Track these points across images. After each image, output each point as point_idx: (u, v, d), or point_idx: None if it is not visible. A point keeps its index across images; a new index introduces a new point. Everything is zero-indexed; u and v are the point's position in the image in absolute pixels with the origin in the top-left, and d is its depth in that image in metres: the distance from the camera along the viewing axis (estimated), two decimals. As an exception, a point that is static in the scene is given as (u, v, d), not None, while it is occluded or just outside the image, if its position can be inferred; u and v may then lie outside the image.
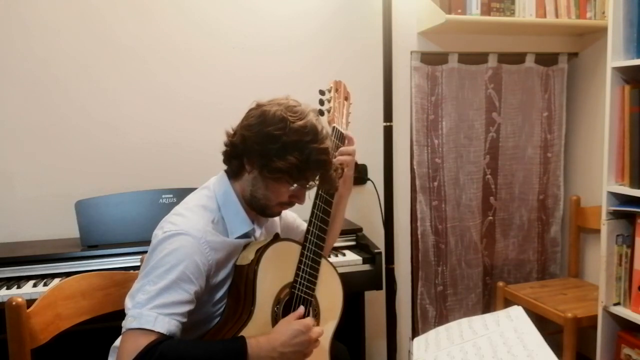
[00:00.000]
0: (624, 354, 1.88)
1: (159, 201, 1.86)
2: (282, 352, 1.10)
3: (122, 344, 1.03)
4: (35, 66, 1.92)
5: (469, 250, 2.43)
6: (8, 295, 1.55)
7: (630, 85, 1.78)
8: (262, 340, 1.10)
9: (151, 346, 1.00)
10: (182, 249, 1.10)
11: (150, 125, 2.05)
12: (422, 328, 2.39)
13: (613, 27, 1.78)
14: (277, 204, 1.24)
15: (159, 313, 1.04)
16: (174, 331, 1.06)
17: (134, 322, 1.03)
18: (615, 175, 1.84)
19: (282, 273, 1.24)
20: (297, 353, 1.12)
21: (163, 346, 1.01)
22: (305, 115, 1.18)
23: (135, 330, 1.02)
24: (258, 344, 1.08)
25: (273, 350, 1.09)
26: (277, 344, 1.10)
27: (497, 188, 2.47)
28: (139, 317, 1.03)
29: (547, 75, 2.44)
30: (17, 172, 1.94)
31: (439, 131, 2.34)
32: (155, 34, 2.02)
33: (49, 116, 1.95)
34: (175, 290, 1.07)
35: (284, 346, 1.10)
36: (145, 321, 1.02)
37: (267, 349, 1.09)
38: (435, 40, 2.30)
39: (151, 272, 1.08)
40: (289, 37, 2.15)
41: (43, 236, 1.96)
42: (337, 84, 1.52)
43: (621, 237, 1.86)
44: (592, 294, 2.15)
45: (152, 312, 1.03)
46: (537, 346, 1.13)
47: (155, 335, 1.02)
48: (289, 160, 1.14)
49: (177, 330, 1.07)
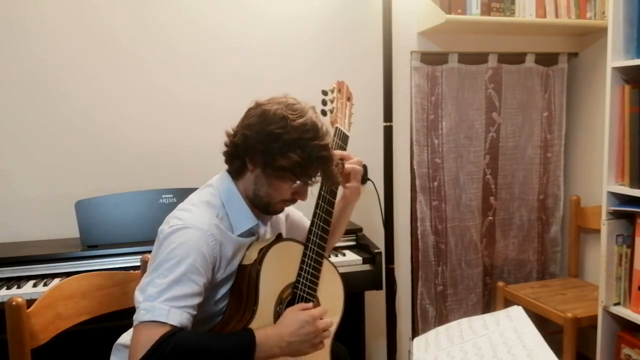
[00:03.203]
0: (624, 354, 1.88)
1: (159, 201, 1.86)
2: (290, 342, 1.12)
3: (135, 336, 1.04)
4: (36, 66, 1.92)
5: (469, 250, 2.43)
6: (8, 295, 1.55)
7: (630, 85, 1.78)
8: (270, 331, 1.12)
9: (165, 337, 1.01)
10: (189, 242, 1.11)
11: (150, 126, 2.05)
12: (422, 328, 2.39)
13: (613, 27, 1.78)
14: (280, 201, 1.25)
15: (171, 306, 1.05)
16: (186, 323, 1.07)
17: (147, 315, 1.03)
18: (615, 175, 1.84)
19: (284, 273, 1.25)
20: (305, 343, 1.15)
21: (177, 337, 1.02)
22: (305, 112, 1.19)
23: (148, 322, 1.03)
24: (266, 335, 1.11)
25: (281, 339, 1.12)
26: (285, 333, 1.13)
27: (497, 188, 2.47)
28: (151, 309, 1.04)
29: (547, 75, 2.44)
30: (17, 172, 1.94)
31: (439, 131, 2.34)
32: (155, 34, 2.02)
33: (49, 116, 1.95)
34: (185, 283, 1.08)
35: (291, 336, 1.13)
36: (158, 314, 1.03)
37: (275, 339, 1.11)
38: (435, 40, 2.30)
39: (160, 265, 1.09)
40: (288, 37, 2.15)
41: (43, 236, 1.96)
42: (340, 84, 1.52)
43: (621, 237, 1.86)
44: (592, 294, 2.15)
45: (164, 305, 1.04)
46: (537, 346, 1.13)
47: (169, 328, 1.03)
48: (292, 158, 1.15)
49: (188, 323, 1.08)
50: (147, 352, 1.00)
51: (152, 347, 1.00)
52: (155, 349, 1.00)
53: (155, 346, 1.00)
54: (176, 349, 1.01)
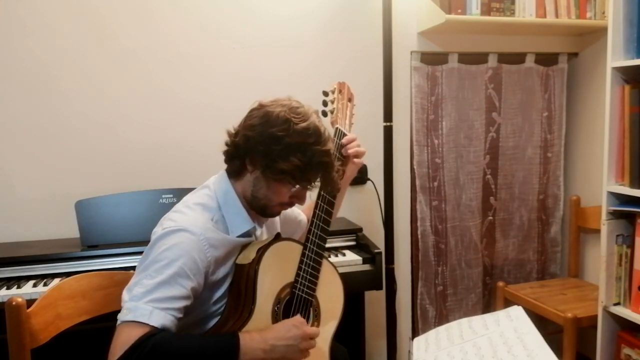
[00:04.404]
0: (624, 354, 1.88)
1: (159, 201, 1.86)
2: (274, 345, 1.11)
3: (116, 336, 1.03)
4: (36, 66, 1.92)
5: (469, 250, 2.43)
6: (8, 295, 1.55)
7: (630, 85, 1.78)
8: (255, 335, 1.11)
9: (144, 338, 1.00)
10: (181, 245, 1.11)
11: (150, 126, 2.05)
12: (422, 328, 2.39)
13: (613, 27, 1.78)
14: (278, 204, 1.25)
15: (155, 307, 1.04)
16: (169, 326, 1.06)
17: (129, 315, 1.03)
18: (615, 175, 1.84)
19: (283, 273, 1.25)
20: (290, 347, 1.13)
21: (156, 338, 1.01)
22: (308, 116, 1.18)
23: (129, 322, 1.03)
24: (251, 337, 1.10)
25: (264, 342, 1.10)
26: (270, 337, 1.12)
27: (497, 188, 2.47)
28: (134, 309, 1.03)
29: (547, 75, 2.44)
30: (17, 172, 1.94)
31: (439, 131, 2.34)
32: (155, 34, 2.01)
33: (49, 116, 1.95)
34: (172, 285, 1.07)
35: (276, 339, 1.11)
36: (140, 314, 1.03)
37: (259, 341, 1.10)
38: (435, 40, 2.30)
39: (149, 266, 1.09)
40: (288, 37, 2.15)
41: (43, 236, 1.96)
42: (341, 85, 1.52)
43: (621, 237, 1.86)
44: (592, 294, 2.15)
45: (148, 306, 1.04)
46: (537, 346, 1.13)
47: (149, 329, 1.03)
48: (292, 162, 1.15)
49: (171, 325, 1.07)
50: (125, 352, 0.99)
51: (130, 348, 0.99)
52: (133, 349, 0.99)
53: (134, 346, 0.99)
54: (155, 350, 1.00)
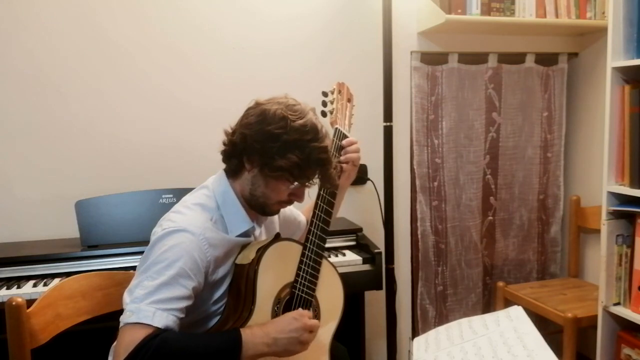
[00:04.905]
0: (624, 354, 1.88)
1: (159, 201, 1.86)
2: (276, 338, 1.12)
3: (120, 338, 1.03)
4: (34, 68, 1.92)
5: (469, 250, 2.43)
6: (8, 295, 1.55)
7: (630, 85, 1.78)
8: (257, 329, 1.12)
9: (148, 339, 1.01)
10: (181, 245, 1.11)
11: (150, 126, 2.05)
12: (422, 328, 2.39)
13: (613, 27, 1.78)
14: (277, 202, 1.25)
15: (157, 308, 1.04)
16: (172, 326, 1.06)
17: (132, 317, 1.03)
18: (615, 175, 1.84)
19: (282, 273, 1.25)
20: (292, 339, 1.13)
21: (160, 338, 1.01)
22: (305, 114, 1.18)
23: (133, 324, 1.03)
24: (253, 333, 1.11)
25: (266, 336, 1.11)
26: (271, 330, 1.12)
27: (497, 188, 2.47)
28: (137, 311, 1.03)
29: (547, 75, 2.44)
30: (17, 173, 1.94)
31: (439, 131, 2.34)
32: (153, 36, 2.01)
33: (49, 117, 1.95)
34: (174, 286, 1.08)
35: (277, 332, 1.12)
36: (143, 316, 1.03)
37: (261, 335, 1.11)
38: (435, 40, 2.30)
39: (150, 267, 1.09)
40: (288, 38, 2.15)
41: (43, 236, 1.96)
42: (341, 85, 1.52)
43: (621, 237, 1.86)
44: (592, 294, 2.15)
45: (150, 307, 1.04)
46: (537, 346, 1.13)
47: (153, 330, 1.03)
48: (290, 159, 1.15)
49: (174, 325, 1.07)
50: (129, 353, 0.99)
51: (135, 349, 0.99)
52: (138, 350, 0.99)
53: (138, 348, 0.99)
54: (159, 349, 1.00)
